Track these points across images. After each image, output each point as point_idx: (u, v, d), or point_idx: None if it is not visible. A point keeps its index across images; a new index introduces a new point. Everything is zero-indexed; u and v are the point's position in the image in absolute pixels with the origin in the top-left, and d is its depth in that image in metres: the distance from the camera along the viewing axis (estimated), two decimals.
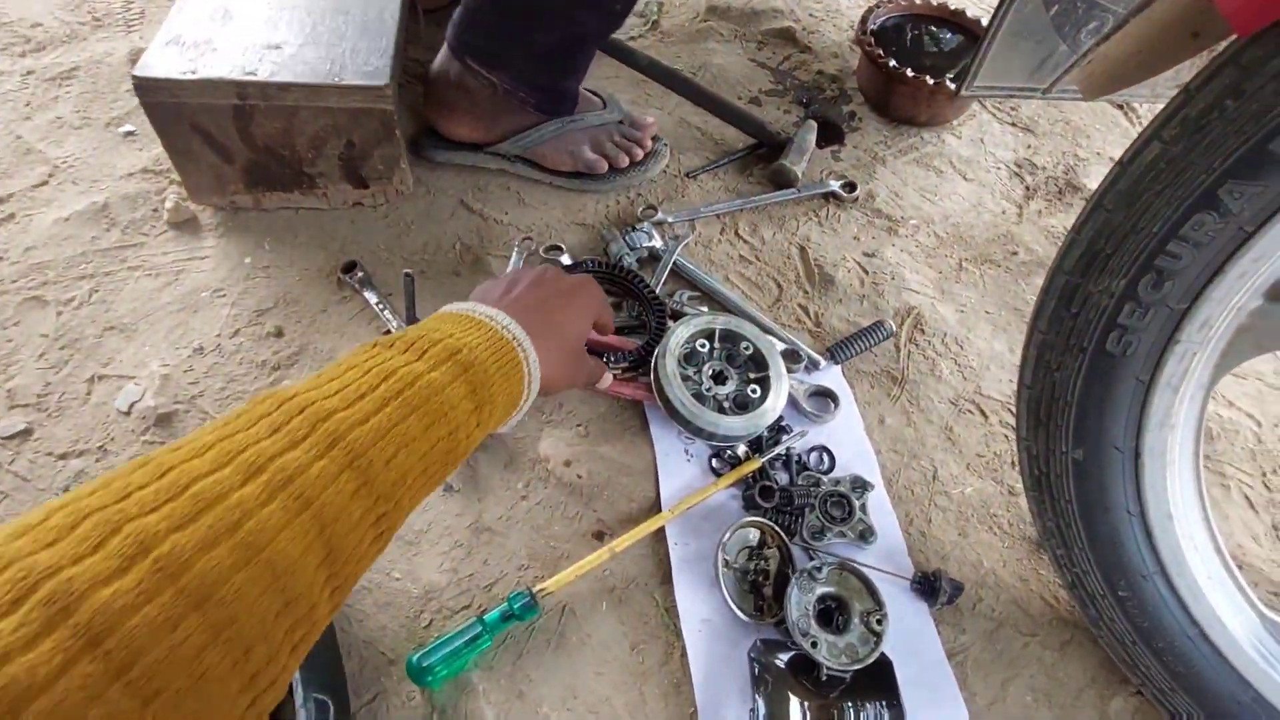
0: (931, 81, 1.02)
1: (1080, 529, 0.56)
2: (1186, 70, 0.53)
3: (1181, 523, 0.53)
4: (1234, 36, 0.40)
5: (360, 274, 0.84)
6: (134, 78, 0.75)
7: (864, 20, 1.11)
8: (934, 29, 1.17)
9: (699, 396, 0.73)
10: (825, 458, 0.75)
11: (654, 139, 1.00)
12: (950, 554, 0.70)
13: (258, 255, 0.87)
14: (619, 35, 1.19)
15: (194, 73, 0.76)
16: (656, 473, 0.72)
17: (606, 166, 0.95)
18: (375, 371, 0.38)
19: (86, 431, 0.72)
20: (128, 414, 0.73)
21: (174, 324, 0.81)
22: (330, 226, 0.90)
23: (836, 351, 0.82)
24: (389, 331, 0.80)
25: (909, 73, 1.03)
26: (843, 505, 0.70)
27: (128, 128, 0.99)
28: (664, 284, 0.87)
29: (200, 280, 0.84)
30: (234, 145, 0.82)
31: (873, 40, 1.08)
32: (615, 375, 0.75)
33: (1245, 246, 0.43)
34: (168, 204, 0.89)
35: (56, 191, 0.92)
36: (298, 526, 0.30)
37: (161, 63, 0.77)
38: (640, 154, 0.97)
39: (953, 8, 1.16)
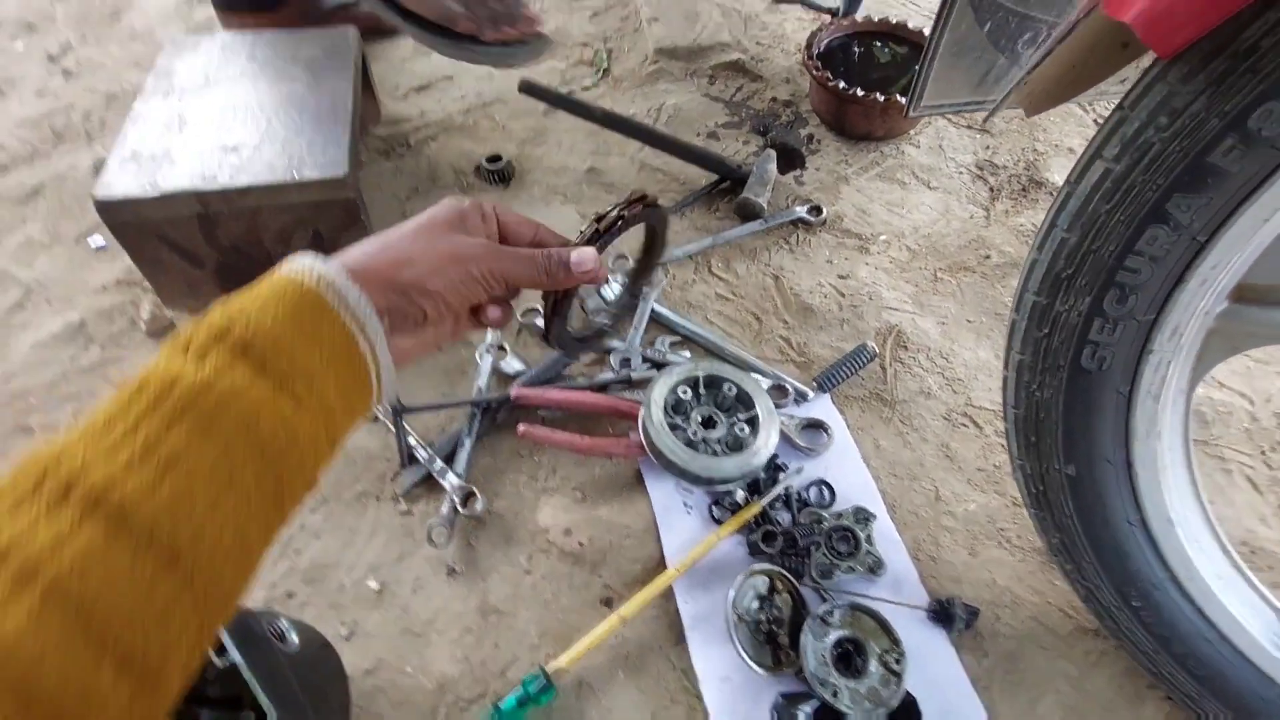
0: (882, 98, 1.04)
1: (1085, 543, 0.55)
2: (1129, 70, 0.53)
3: (1183, 526, 0.52)
4: None
5: None
6: (95, 200, 0.75)
7: (809, 45, 1.13)
8: (878, 44, 1.19)
9: (690, 444, 0.73)
10: (825, 492, 0.74)
11: (537, 35, 0.90)
12: (963, 575, 0.69)
13: None
14: (571, 88, 1.22)
15: (155, 186, 0.77)
16: (658, 530, 0.72)
17: (468, 26, 0.84)
18: (134, 415, 0.30)
19: None
20: None
21: None
22: None
23: (823, 380, 0.82)
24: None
25: (859, 92, 1.05)
26: (848, 539, 0.69)
27: (97, 240, 1.00)
28: (643, 333, 0.87)
29: None
30: (202, 250, 0.83)
31: (819, 65, 1.10)
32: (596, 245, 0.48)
33: (1201, 255, 0.43)
34: (144, 314, 0.89)
35: (32, 314, 0.92)
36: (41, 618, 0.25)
37: (121, 181, 0.77)
38: (512, 35, 0.87)
39: (894, 21, 1.18)
